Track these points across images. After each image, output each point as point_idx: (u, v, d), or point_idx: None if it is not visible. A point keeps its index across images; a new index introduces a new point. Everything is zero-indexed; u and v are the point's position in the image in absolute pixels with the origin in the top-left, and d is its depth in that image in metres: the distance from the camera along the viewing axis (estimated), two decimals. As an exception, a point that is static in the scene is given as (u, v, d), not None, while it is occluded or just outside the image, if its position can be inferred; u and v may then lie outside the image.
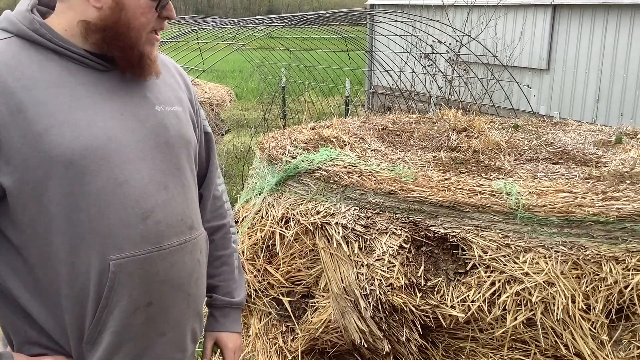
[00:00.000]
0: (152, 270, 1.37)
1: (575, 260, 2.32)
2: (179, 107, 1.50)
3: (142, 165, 1.37)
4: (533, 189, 2.48)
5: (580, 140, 3.55)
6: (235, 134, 9.89)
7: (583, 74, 8.16)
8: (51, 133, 1.26)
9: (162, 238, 1.38)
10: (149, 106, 1.42)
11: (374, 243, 2.55)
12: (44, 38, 1.31)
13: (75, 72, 1.33)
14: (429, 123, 4.02)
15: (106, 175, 1.31)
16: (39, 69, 1.29)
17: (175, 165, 1.45)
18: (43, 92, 1.27)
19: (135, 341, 1.40)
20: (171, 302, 1.44)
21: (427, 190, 2.53)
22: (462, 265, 2.44)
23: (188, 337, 1.53)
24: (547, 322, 2.31)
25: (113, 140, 1.32)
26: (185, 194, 1.46)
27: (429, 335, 2.51)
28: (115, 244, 1.32)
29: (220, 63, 7.58)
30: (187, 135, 1.50)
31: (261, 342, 2.83)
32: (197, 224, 1.51)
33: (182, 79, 1.60)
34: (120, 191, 1.32)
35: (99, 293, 1.33)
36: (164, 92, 1.49)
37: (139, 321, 1.38)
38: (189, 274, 1.47)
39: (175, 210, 1.42)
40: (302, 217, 2.78)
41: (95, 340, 1.36)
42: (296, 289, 2.86)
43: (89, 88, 1.33)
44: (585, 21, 8.05)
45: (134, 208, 1.33)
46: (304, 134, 3.39)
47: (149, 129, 1.40)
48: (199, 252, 1.52)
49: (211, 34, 6.85)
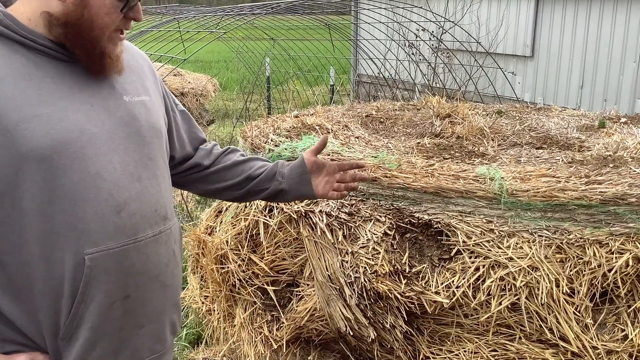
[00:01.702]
0: (128, 263, 1.36)
1: (559, 245, 2.32)
2: (146, 97, 1.48)
3: (115, 156, 1.34)
4: (516, 174, 2.48)
5: (564, 125, 3.55)
6: (220, 124, 9.83)
7: (567, 60, 8.17)
8: (21, 128, 1.22)
9: (137, 230, 1.37)
10: (117, 96, 1.40)
11: (358, 230, 2.54)
12: (8, 29, 1.27)
13: (41, 64, 1.29)
14: (413, 110, 4.00)
15: (79, 169, 1.28)
16: (4, 62, 1.26)
17: (148, 156, 1.42)
18: (10, 86, 1.24)
19: (113, 335, 1.38)
20: (148, 294, 1.42)
21: (410, 177, 2.51)
22: (447, 251, 2.43)
23: (167, 328, 1.51)
24: (532, 307, 2.32)
25: (85, 132, 1.30)
26: (158, 184, 1.44)
27: (414, 322, 2.50)
28: (90, 238, 1.30)
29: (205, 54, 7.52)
30: (157, 124, 1.48)
31: (246, 332, 2.81)
32: (171, 214, 1.50)
33: (147, 66, 1.57)
34: (94, 184, 1.30)
35: (75, 288, 1.30)
36: (131, 81, 1.46)
37: (116, 315, 1.37)
38: (165, 265, 1.46)
39: (149, 201, 1.40)
40: (285, 206, 2.76)
41: (71, 336, 1.34)
42: (281, 278, 2.85)
43: (57, 80, 1.30)
44: (569, 8, 8.06)
45: (107, 201, 1.31)
46: (287, 122, 3.37)
47: (119, 120, 1.37)
48: (174, 242, 1.50)
49: (193, 23, 6.78)
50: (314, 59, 10.49)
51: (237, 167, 1.74)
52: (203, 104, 7.57)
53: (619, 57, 7.53)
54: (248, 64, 12.61)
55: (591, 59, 7.87)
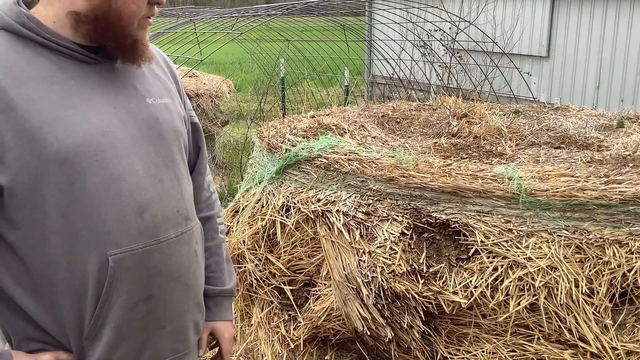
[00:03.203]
0: (151, 264, 1.36)
1: (579, 245, 2.30)
2: (168, 99, 1.48)
3: (136, 159, 1.35)
4: (535, 174, 2.46)
5: (582, 124, 3.52)
6: (234, 124, 9.86)
7: (583, 60, 8.11)
8: (43, 131, 1.23)
9: (159, 231, 1.37)
10: (140, 98, 1.40)
11: (375, 230, 2.53)
12: (32, 32, 1.28)
13: (65, 66, 1.30)
14: (429, 110, 3.99)
15: (101, 171, 1.29)
16: (28, 64, 1.26)
17: (169, 158, 1.43)
18: (33, 88, 1.24)
19: (136, 335, 1.39)
20: (170, 294, 1.43)
21: (428, 177, 2.51)
22: (464, 251, 2.42)
23: (190, 328, 1.52)
24: (551, 307, 2.30)
25: (107, 135, 1.30)
26: (180, 185, 1.45)
27: (432, 322, 2.49)
28: (113, 239, 1.30)
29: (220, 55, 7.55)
30: (178, 127, 1.48)
31: (264, 331, 2.82)
32: (192, 215, 1.50)
33: (169, 70, 1.57)
34: (116, 186, 1.30)
35: (99, 289, 1.31)
36: (154, 83, 1.46)
37: (139, 315, 1.37)
38: (187, 265, 1.46)
39: (170, 203, 1.40)
40: (302, 205, 2.77)
41: (95, 336, 1.35)
42: (298, 278, 2.85)
43: (80, 82, 1.31)
44: (585, 7, 8.00)
45: (129, 203, 1.32)
46: (303, 122, 3.37)
47: (141, 122, 1.38)
48: (195, 242, 1.51)
49: (209, 25, 6.81)
50: (328, 59, 10.49)
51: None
52: (218, 105, 7.60)
53: (636, 57, 7.46)
54: (262, 65, 12.64)
55: (608, 59, 7.81)
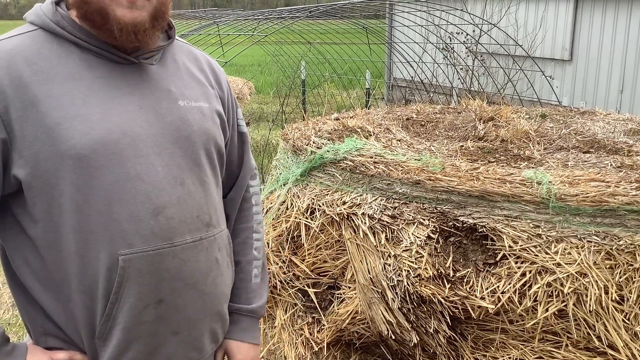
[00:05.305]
0: (163, 267, 1.33)
1: (609, 251, 2.27)
2: (205, 103, 1.46)
3: (158, 160, 1.33)
4: (564, 178, 2.43)
5: (610, 129, 3.48)
6: (255, 126, 9.89)
7: (607, 64, 8.02)
8: (62, 127, 1.24)
9: (174, 234, 1.34)
10: (171, 100, 1.39)
11: (401, 233, 2.52)
12: (65, 30, 1.30)
13: (94, 65, 1.31)
14: (453, 113, 3.97)
15: (117, 170, 1.28)
16: (57, 62, 1.28)
17: (195, 162, 1.40)
18: (59, 85, 1.26)
19: (146, 339, 1.37)
20: (184, 300, 1.39)
21: (455, 180, 2.49)
22: (492, 256, 2.40)
23: (206, 337, 1.48)
24: (580, 314, 2.27)
25: (127, 134, 1.29)
26: (204, 190, 1.42)
27: (458, 327, 2.47)
28: (125, 239, 1.29)
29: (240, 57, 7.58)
30: (210, 131, 1.45)
31: (287, 334, 2.81)
32: (217, 222, 1.46)
33: (213, 76, 1.55)
34: (132, 186, 1.29)
35: (109, 288, 1.30)
36: (191, 87, 1.45)
37: (149, 318, 1.35)
38: (205, 272, 1.42)
39: (190, 207, 1.37)
40: (327, 208, 2.76)
41: (106, 337, 1.34)
42: (322, 280, 2.84)
43: (107, 81, 1.31)
44: (609, 10, 7.91)
45: (144, 203, 1.30)
46: (328, 125, 3.37)
47: (169, 124, 1.37)
48: (217, 250, 1.46)
49: (232, 27, 6.83)
50: (349, 62, 10.49)
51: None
52: (239, 107, 7.63)
53: (661, 61, 7.38)
54: (283, 67, 12.66)
55: (632, 63, 7.72)
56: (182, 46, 1.53)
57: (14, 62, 1.25)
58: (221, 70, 1.61)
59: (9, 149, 1.24)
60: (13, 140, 1.24)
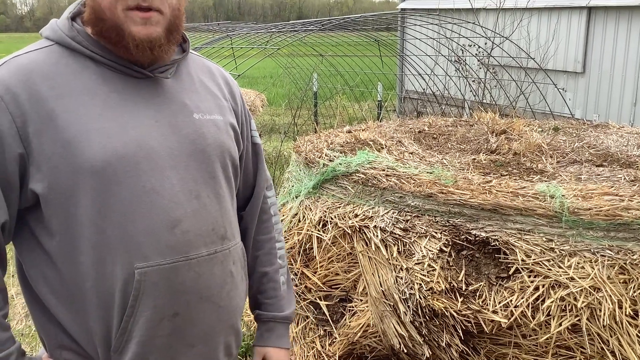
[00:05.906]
0: (178, 280, 1.34)
1: (623, 265, 2.26)
2: (219, 116, 1.47)
3: (173, 173, 1.34)
4: (578, 192, 2.42)
5: (623, 142, 3.47)
6: (267, 138, 9.92)
7: (619, 77, 7.99)
8: (78, 141, 1.25)
9: (190, 247, 1.35)
10: (187, 113, 1.40)
11: (413, 247, 2.52)
12: (80, 45, 1.32)
13: (110, 79, 1.32)
14: (465, 126, 3.97)
15: (133, 184, 1.29)
16: (73, 77, 1.30)
17: (210, 174, 1.41)
18: (75, 100, 1.27)
19: (162, 352, 1.37)
20: (199, 313, 1.40)
21: (467, 193, 2.49)
22: (505, 270, 2.39)
23: (220, 350, 1.48)
24: (593, 328, 2.25)
25: (143, 147, 1.31)
26: (219, 203, 1.42)
27: (470, 341, 2.46)
28: (141, 252, 1.30)
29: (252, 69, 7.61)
30: (225, 144, 1.46)
31: (299, 346, 2.81)
32: (231, 235, 1.47)
33: (228, 89, 1.56)
34: (148, 199, 1.30)
35: (125, 302, 1.31)
36: (205, 100, 1.46)
37: (165, 332, 1.36)
38: (220, 286, 1.43)
39: (206, 220, 1.38)
40: (340, 221, 2.76)
41: (122, 350, 1.34)
42: (334, 293, 2.84)
43: (123, 95, 1.32)
44: (622, 23, 7.89)
45: (160, 216, 1.31)
46: (340, 137, 3.38)
47: (185, 137, 1.38)
48: (232, 263, 1.47)
49: (245, 40, 6.88)
50: (361, 74, 10.52)
51: (259, 277, 1.67)
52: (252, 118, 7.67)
53: (675, 73, 7.34)
54: (295, 79, 12.72)
55: (645, 75, 7.69)
56: (197, 59, 1.54)
57: (31, 77, 1.27)
58: (235, 83, 1.62)
59: (26, 163, 1.26)
60: (30, 155, 1.25)
